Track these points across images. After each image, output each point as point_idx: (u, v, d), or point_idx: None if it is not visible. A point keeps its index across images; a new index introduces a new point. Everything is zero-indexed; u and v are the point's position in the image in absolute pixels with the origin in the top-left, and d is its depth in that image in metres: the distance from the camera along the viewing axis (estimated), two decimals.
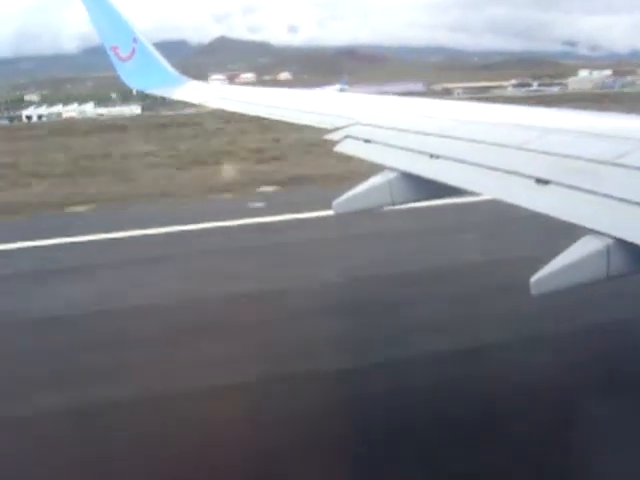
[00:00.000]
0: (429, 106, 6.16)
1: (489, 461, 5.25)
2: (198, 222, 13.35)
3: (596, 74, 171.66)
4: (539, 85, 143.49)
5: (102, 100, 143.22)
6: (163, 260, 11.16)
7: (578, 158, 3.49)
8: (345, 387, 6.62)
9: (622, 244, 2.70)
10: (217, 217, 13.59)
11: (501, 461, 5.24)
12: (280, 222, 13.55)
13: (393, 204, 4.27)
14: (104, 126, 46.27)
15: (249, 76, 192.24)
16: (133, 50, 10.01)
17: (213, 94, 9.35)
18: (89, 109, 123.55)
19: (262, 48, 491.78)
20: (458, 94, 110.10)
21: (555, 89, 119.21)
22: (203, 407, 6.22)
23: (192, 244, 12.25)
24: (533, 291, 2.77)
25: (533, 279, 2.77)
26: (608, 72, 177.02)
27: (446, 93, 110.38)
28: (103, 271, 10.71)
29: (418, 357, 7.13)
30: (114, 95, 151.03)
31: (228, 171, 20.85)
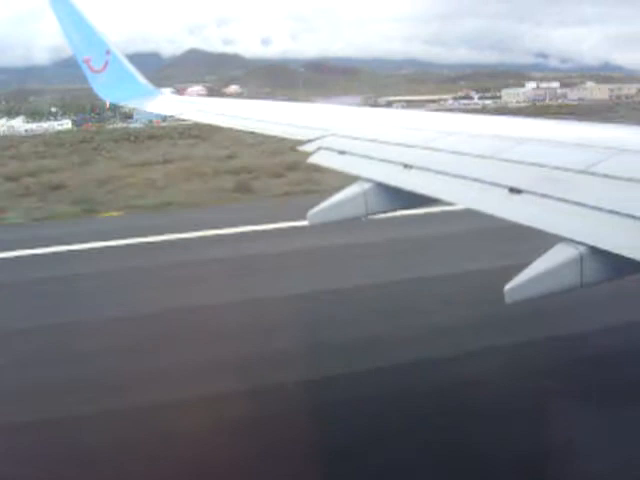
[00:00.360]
0: (406, 117, 6.20)
1: None
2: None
3: (544, 85, 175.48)
4: (479, 98, 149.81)
5: (39, 114, 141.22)
6: None
7: (551, 167, 3.51)
8: None
9: (595, 252, 2.71)
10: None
11: None
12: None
13: (367, 214, 4.26)
14: None
15: (198, 89, 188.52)
16: (106, 62, 9.93)
17: (188, 106, 9.29)
18: (17, 124, 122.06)
19: (234, 60, 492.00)
20: (396, 107, 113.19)
21: (488, 102, 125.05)
22: None
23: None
24: (507, 299, 2.76)
25: (507, 287, 2.76)
26: (556, 84, 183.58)
27: (387, 106, 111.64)
28: None
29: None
30: (54, 109, 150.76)
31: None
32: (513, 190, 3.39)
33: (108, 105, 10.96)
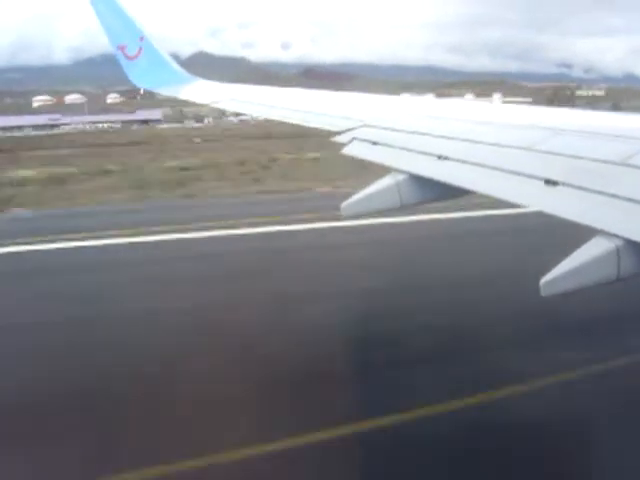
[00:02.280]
0: (436, 107, 6.15)
1: None
2: None
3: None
4: None
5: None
6: None
7: (587, 159, 3.48)
8: None
9: (632, 245, 2.69)
10: None
11: None
12: None
13: (402, 206, 4.26)
14: None
15: (74, 97, 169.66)
16: (140, 49, 10.00)
17: (223, 94, 9.20)
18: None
19: (239, 64, 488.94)
20: None
21: None
22: None
23: None
24: (543, 292, 2.76)
25: (543, 280, 2.76)
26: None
27: None
28: None
29: None
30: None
31: None
32: (549, 182, 3.37)
33: (142, 91, 11.02)
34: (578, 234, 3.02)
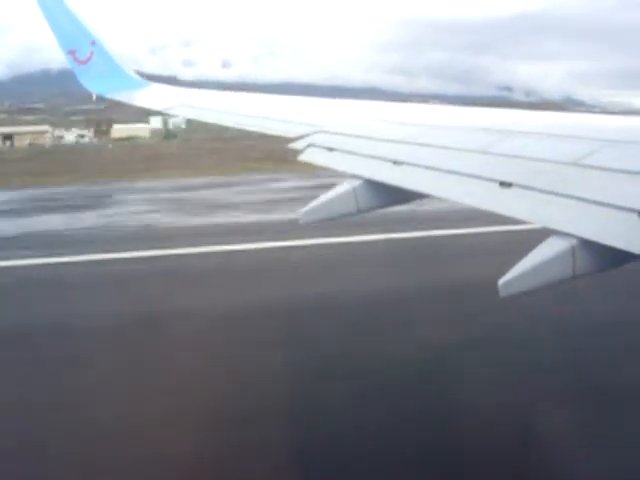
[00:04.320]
0: (392, 111, 6.18)
1: None
2: None
3: None
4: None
5: None
6: None
7: (540, 160, 3.54)
8: None
9: (587, 243, 2.73)
10: None
11: None
12: None
13: (359, 211, 4.26)
14: None
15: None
16: (91, 53, 9.82)
17: (176, 100, 8.96)
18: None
19: (170, 82, 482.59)
20: None
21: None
22: None
23: None
24: (502, 293, 2.78)
25: (501, 281, 2.78)
26: None
27: None
28: None
29: None
30: None
31: None
32: (503, 184, 3.41)
33: (94, 97, 10.82)
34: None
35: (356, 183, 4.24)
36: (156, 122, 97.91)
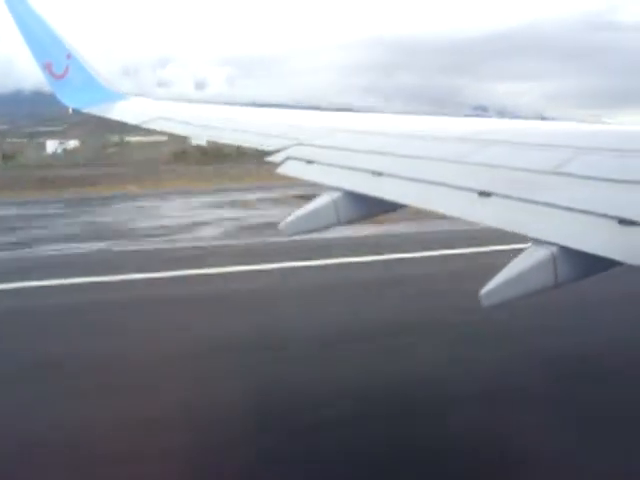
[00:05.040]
0: (372, 122, 6.19)
1: None
2: None
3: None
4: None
5: None
6: None
7: (519, 169, 3.56)
8: None
9: (567, 251, 2.75)
10: None
11: None
12: None
13: (339, 223, 4.28)
14: None
15: None
16: (67, 67, 9.75)
17: (154, 113, 8.82)
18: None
19: None
20: None
21: None
22: None
23: None
24: (484, 303, 2.78)
25: (483, 291, 2.78)
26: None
27: None
28: None
29: None
30: None
31: None
32: (483, 193, 3.42)
33: (71, 111, 10.73)
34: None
35: (336, 195, 4.25)
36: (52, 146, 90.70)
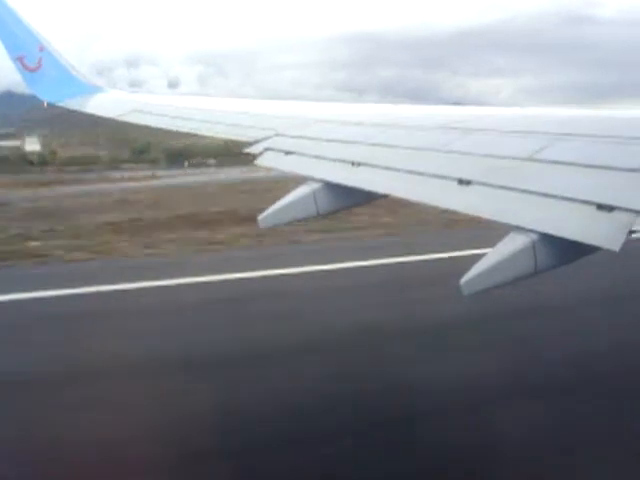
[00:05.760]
0: (350, 112, 6.15)
1: None
2: None
3: None
4: None
5: None
6: None
7: (497, 157, 3.56)
8: None
9: (547, 238, 2.75)
10: None
11: None
12: None
13: (319, 214, 4.26)
14: None
15: None
16: (40, 60, 9.59)
17: (130, 106, 8.67)
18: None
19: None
20: None
21: None
22: None
23: None
24: (465, 292, 2.78)
25: (463, 280, 2.78)
26: None
27: None
28: None
29: None
30: None
31: None
32: (462, 182, 3.41)
33: (46, 105, 10.56)
34: None
35: (315, 186, 4.23)
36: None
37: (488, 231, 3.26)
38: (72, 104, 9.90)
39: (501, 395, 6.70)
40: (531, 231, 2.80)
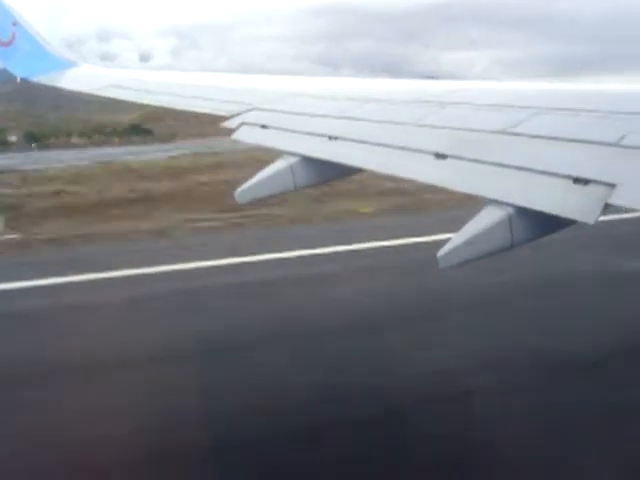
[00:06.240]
0: (326, 86, 6.08)
1: None
2: None
3: None
4: None
5: None
6: None
7: (473, 130, 3.53)
8: None
9: (523, 211, 2.74)
10: None
11: None
12: None
13: (296, 188, 4.22)
14: None
15: None
16: (13, 34, 9.38)
17: (105, 81, 8.52)
18: None
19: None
20: None
21: None
22: None
23: None
24: (441, 265, 2.76)
25: (440, 253, 2.76)
26: None
27: None
28: None
29: None
30: None
31: None
32: (439, 155, 3.39)
33: (19, 80, 10.34)
34: None
35: (292, 160, 4.19)
36: None
37: None
38: (46, 79, 9.71)
39: None
40: (507, 204, 2.79)
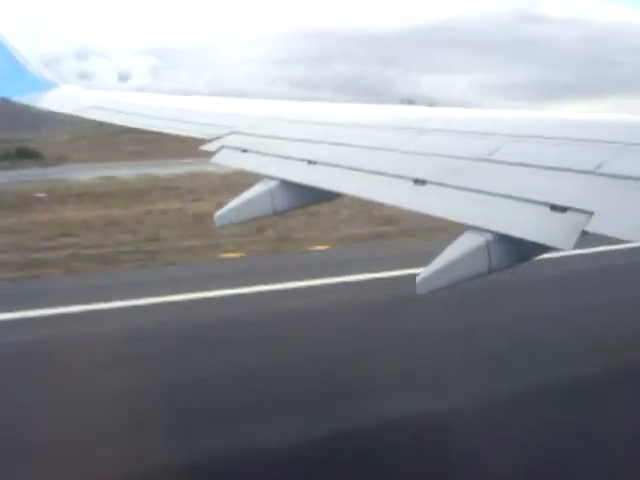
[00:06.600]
0: (306, 111, 6.11)
1: None
2: None
3: None
4: None
5: None
6: None
7: (452, 157, 3.56)
8: None
9: (501, 237, 2.75)
10: None
11: None
12: None
13: (275, 212, 4.22)
14: None
15: None
16: None
17: (86, 102, 8.44)
18: None
19: None
20: None
21: None
22: None
23: None
24: (419, 290, 2.76)
25: (418, 278, 2.76)
26: None
27: None
28: None
29: None
30: None
31: None
32: (418, 181, 3.41)
33: None
34: None
35: (272, 184, 4.19)
36: None
37: None
38: (26, 100, 9.64)
39: None
40: (486, 230, 2.80)
